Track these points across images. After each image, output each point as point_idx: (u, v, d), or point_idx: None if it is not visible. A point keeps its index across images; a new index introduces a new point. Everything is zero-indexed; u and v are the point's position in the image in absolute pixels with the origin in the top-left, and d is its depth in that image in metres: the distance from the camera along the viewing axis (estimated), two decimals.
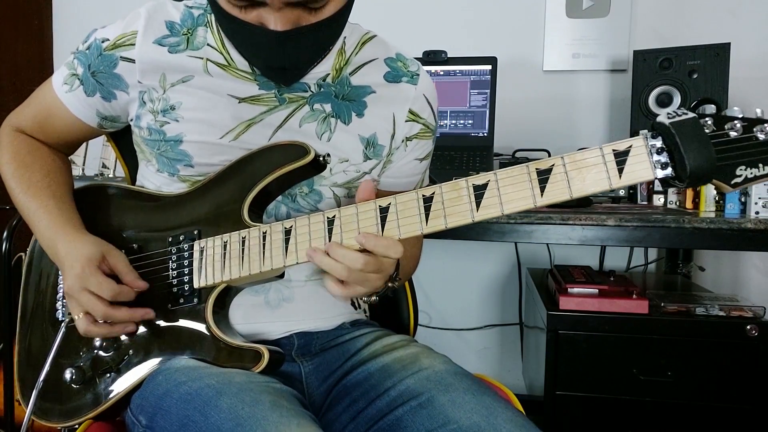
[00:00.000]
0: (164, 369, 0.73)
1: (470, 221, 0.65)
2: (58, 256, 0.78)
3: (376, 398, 0.73)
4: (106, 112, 0.84)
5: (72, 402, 0.79)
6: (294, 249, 0.71)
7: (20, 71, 2.04)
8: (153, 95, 0.79)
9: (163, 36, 0.78)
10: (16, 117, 0.90)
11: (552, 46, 1.86)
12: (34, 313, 0.87)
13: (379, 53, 0.87)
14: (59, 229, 0.79)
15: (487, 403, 0.67)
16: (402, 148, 0.88)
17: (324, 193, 0.83)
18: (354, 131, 0.83)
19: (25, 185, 0.84)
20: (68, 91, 0.83)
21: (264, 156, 0.77)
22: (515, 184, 0.63)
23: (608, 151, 0.61)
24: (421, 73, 0.88)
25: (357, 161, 0.84)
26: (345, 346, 0.84)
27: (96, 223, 0.83)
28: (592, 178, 0.61)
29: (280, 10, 0.67)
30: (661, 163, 0.59)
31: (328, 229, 0.69)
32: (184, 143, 0.79)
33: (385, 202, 0.68)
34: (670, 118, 0.59)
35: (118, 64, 0.79)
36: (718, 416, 1.31)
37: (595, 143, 1.99)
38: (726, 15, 1.75)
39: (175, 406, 0.66)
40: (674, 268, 1.77)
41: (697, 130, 0.58)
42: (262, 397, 0.63)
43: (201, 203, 0.79)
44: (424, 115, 0.88)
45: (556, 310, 1.36)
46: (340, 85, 0.83)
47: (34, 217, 0.81)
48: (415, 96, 0.87)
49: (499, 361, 2.00)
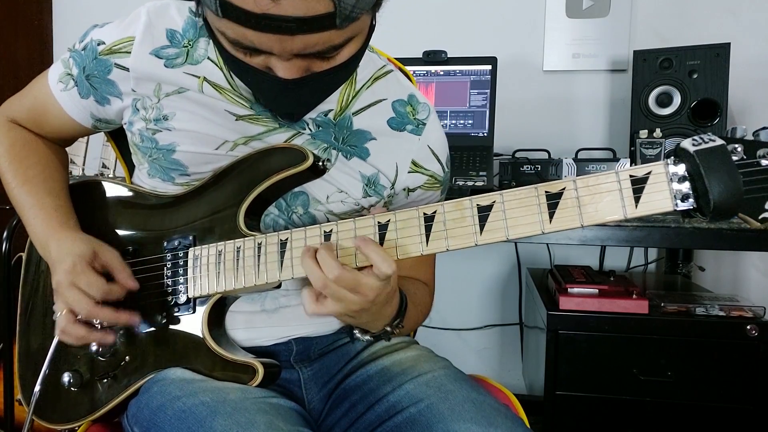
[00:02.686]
0: (160, 379, 0.72)
1: (473, 245, 0.61)
2: (49, 253, 0.77)
3: (376, 403, 0.72)
4: (100, 115, 0.82)
5: (70, 405, 0.79)
6: (290, 263, 0.68)
7: (20, 71, 2.03)
8: (146, 103, 0.76)
9: (161, 46, 0.74)
10: (11, 107, 0.87)
11: (552, 46, 1.86)
12: (32, 312, 0.87)
13: (389, 93, 0.82)
14: (54, 227, 0.78)
15: (487, 413, 0.66)
16: (402, 196, 0.84)
17: (318, 217, 0.80)
18: (355, 167, 0.80)
19: (20, 179, 0.82)
20: (63, 90, 0.80)
21: (262, 159, 0.75)
22: (522, 208, 0.60)
23: (625, 176, 0.57)
24: (429, 122, 0.83)
25: (356, 196, 0.80)
26: (344, 348, 0.84)
27: (90, 221, 0.82)
28: (605, 206, 0.57)
29: (290, 60, 0.62)
30: (682, 193, 0.55)
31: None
32: (177, 152, 0.76)
33: (385, 218, 0.65)
34: (696, 145, 0.54)
35: (112, 70, 0.75)
36: (718, 416, 1.31)
37: (595, 143, 1.98)
38: (726, 15, 1.75)
39: (168, 423, 0.65)
40: (674, 268, 1.77)
41: (725, 159, 0.53)
42: (257, 418, 0.62)
43: (197, 206, 0.77)
44: (428, 166, 0.83)
45: (556, 310, 1.36)
46: (340, 126, 0.79)
47: (29, 213, 0.80)
48: (419, 147, 0.82)
49: (499, 361, 2.00)
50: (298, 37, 0.57)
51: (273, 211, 0.79)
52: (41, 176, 0.83)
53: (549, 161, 1.54)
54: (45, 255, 0.78)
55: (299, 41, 0.58)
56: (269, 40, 0.58)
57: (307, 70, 0.64)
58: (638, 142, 1.45)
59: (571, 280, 1.42)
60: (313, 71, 0.64)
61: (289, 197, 0.79)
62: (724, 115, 1.50)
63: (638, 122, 1.57)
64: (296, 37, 0.57)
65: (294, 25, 0.56)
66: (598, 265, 1.85)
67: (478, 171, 1.52)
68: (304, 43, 0.59)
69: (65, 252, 0.74)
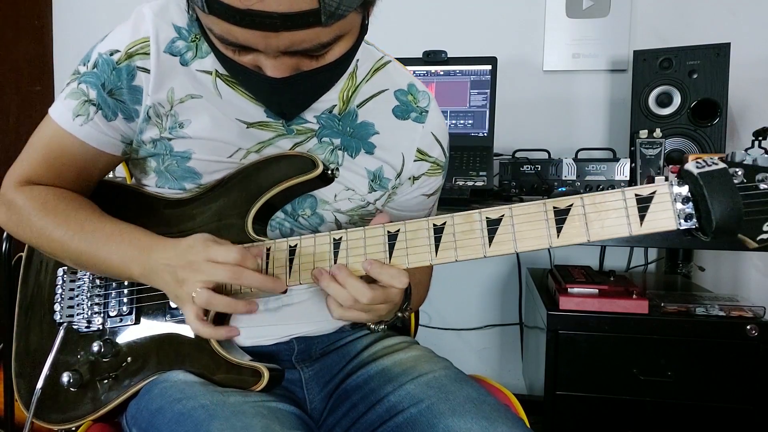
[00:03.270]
0: (161, 381, 0.72)
1: (482, 256, 0.63)
2: (150, 261, 0.70)
3: (376, 403, 0.73)
4: (131, 135, 0.76)
5: (70, 405, 0.79)
6: (297, 269, 0.69)
7: (20, 71, 2.03)
8: (159, 110, 0.74)
9: (171, 40, 0.72)
10: (20, 171, 0.78)
11: (552, 46, 1.86)
12: (32, 311, 0.86)
13: (390, 83, 0.82)
14: (147, 242, 0.71)
15: (487, 413, 0.67)
16: (407, 185, 0.85)
17: (326, 217, 0.81)
18: (361, 164, 0.81)
19: (74, 228, 0.73)
20: (84, 122, 0.73)
21: (271, 166, 0.75)
22: (531, 222, 0.61)
23: (630, 195, 0.59)
24: (431, 109, 0.84)
25: (362, 192, 0.82)
26: (345, 348, 0.84)
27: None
28: (611, 223, 0.59)
29: (277, 58, 0.61)
30: (685, 213, 0.58)
31: (334, 252, 0.68)
32: (193, 160, 0.76)
33: (395, 227, 0.66)
34: (699, 168, 0.57)
35: (136, 75, 0.72)
36: (718, 416, 1.31)
37: (595, 143, 1.99)
38: (726, 15, 1.75)
39: (166, 426, 0.65)
40: (674, 268, 1.76)
41: (727, 181, 0.56)
42: (254, 422, 0.62)
43: (205, 211, 0.77)
44: (432, 153, 0.85)
45: (556, 310, 1.36)
46: (346, 120, 0.79)
47: (104, 249, 0.72)
48: (423, 134, 0.83)
49: (499, 361, 2.00)
50: (283, 34, 0.57)
51: (279, 214, 0.79)
52: (95, 214, 0.76)
53: (549, 161, 1.54)
54: (151, 272, 0.70)
55: (285, 38, 0.58)
56: (254, 36, 0.58)
57: (297, 68, 0.64)
58: (638, 142, 1.45)
59: (571, 280, 1.42)
60: (303, 70, 0.64)
61: (297, 201, 0.79)
62: (724, 115, 1.50)
63: (638, 122, 1.57)
64: (281, 34, 0.57)
65: (278, 21, 0.56)
66: (598, 265, 1.85)
67: (478, 171, 1.52)
68: (290, 40, 0.58)
69: (174, 246, 0.69)
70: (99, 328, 0.80)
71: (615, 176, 1.50)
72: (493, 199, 1.48)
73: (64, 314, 0.82)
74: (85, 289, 0.82)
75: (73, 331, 0.81)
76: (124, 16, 0.75)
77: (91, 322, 0.80)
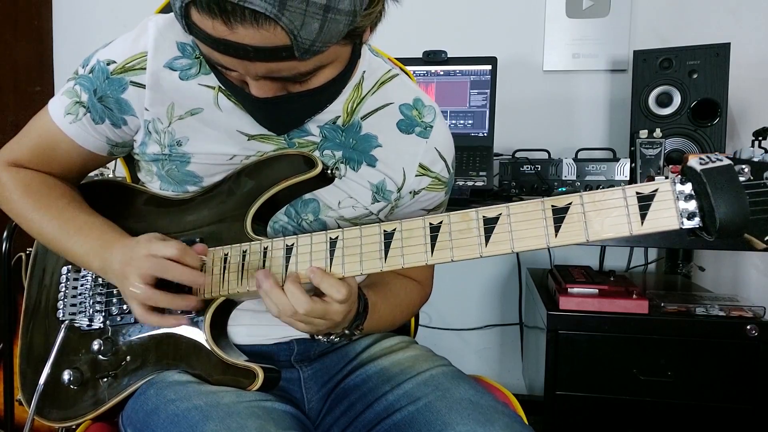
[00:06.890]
0: (157, 381, 0.73)
1: (478, 256, 0.61)
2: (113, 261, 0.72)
3: (374, 402, 0.73)
4: (117, 139, 0.79)
5: (70, 403, 0.79)
6: (294, 268, 0.69)
7: (20, 71, 2.03)
8: (158, 126, 0.75)
9: (174, 57, 0.72)
10: (12, 151, 0.82)
11: (552, 46, 1.86)
12: (36, 309, 0.87)
13: (395, 97, 0.82)
14: (114, 237, 0.75)
15: (485, 410, 0.67)
16: (407, 198, 0.84)
17: (329, 223, 0.81)
18: (364, 177, 0.80)
19: (52, 213, 0.78)
20: (73, 121, 0.77)
21: (271, 165, 0.75)
22: (528, 221, 0.60)
23: (631, 193, 0.57)
24: (436, 124, 0.83)
25: (365, 202, 0.81)
26: (344, 349, 0.84)
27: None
28: (611, 222, 0.57)
29: (259, 80, 0.62)
30: (688, 212, 0.55)
31: (330, 251, 0.67)
32: (192, 164, 0.76)
33: (390, 227, 0.65)
34: (703, 164, 0.54)
35: (127, 88, 0.73)
36: (718, 416, 1.31)
37: (595, 143, 1.98)
38: (726, 15, 1.75)
39: (161, 426, 0.65)
40: (674, 268, 1.77)
41: (732, 178, 0.53)
42: (248, 423, 0.62)
43: (204, 210, 0.77)
44: (434, 168, 0.84)
45: (556, 310, 1.36)
46: (349, 132, 0.79)
47: (74, 239, 0.76)
48: (426, 149, 0.82)
49: (499, 361, 2.00)
50: (259, 63, 0.58)
51: (282, 218, 0.79)
52: (74, 204, 0.79)
53: (549, 161, 1.54)
54: (107, 267, 0.73)
55: (261, 66, 0.58)
56: (232, 61, 0.58)
57: (283, 89, 0.64)
58: (638, 142, 1.45)
59: (571, 280, 1.42)
60: (289, 91, 0.64)
61: (300, 205, 0.79)
62: (724, 115, 1.50)
63: (638, 122, 1.57)
64: (257, 62, 0.58)
65: (252, 53, 0.56)
66: (598, 265, 1.85)
67: (478, 171, 1.52)
68: (267, 68, 0.59)
69: (128, 245, 0.72)
70: (100, 327, 0.80)
71: (615, 176, 1.50)
72: (493, 199, 1.48)
73: (67, 312, 0.83)
74: (88, 287, 0.83)
75: (75, 329, 0.81)
76: (123, 17, 0.75)
77: (93, 320, 0.81)
